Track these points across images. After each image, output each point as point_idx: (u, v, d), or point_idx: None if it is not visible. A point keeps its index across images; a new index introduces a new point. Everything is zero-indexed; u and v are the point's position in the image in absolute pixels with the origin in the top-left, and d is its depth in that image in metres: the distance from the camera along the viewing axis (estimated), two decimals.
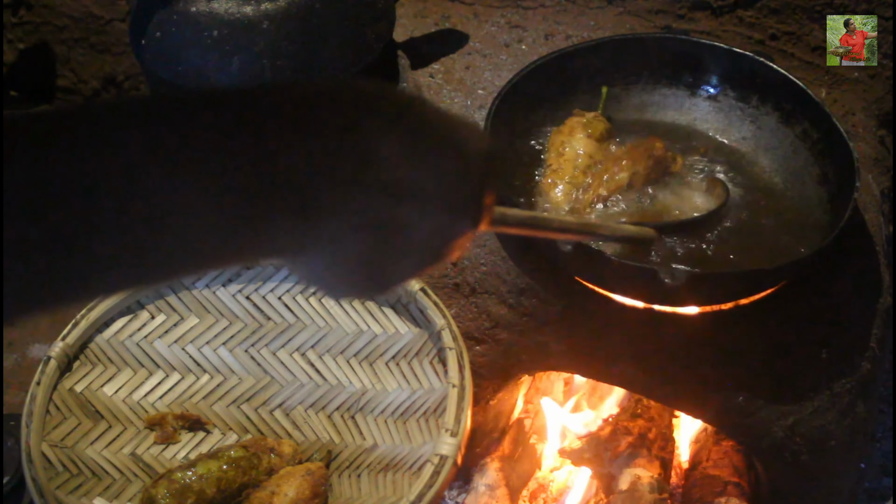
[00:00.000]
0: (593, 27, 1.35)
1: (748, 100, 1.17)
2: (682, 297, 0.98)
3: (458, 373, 0.98)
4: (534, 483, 1.27)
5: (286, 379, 1.15)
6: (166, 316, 1.13)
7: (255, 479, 1.02)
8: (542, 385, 1.31)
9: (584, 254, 0.95)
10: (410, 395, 1.10)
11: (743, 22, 1.35)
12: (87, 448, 1.04)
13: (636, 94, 1.22)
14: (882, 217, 1.16)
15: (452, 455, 0.94)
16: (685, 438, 1.29)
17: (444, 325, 1.02)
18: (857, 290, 1.08)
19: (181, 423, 1.10)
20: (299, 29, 1.09)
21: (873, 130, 1.25)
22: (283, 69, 1.09)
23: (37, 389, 1.00)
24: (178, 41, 1.09)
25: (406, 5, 1.41)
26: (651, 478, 1.13)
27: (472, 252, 1.11)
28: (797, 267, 1.00)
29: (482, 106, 1.23)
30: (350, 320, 1.13)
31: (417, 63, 1.31)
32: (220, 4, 1.08)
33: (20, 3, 1.63)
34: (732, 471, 1.16)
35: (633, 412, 1.22)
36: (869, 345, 1.07)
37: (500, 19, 1.39)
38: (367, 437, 1.11)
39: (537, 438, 1.29)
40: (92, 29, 1.60)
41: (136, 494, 1.03)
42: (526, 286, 1.07)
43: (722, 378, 1.04)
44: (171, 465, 1.06)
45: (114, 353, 1.10)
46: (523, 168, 1.12)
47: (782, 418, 1.04)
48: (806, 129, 1.12)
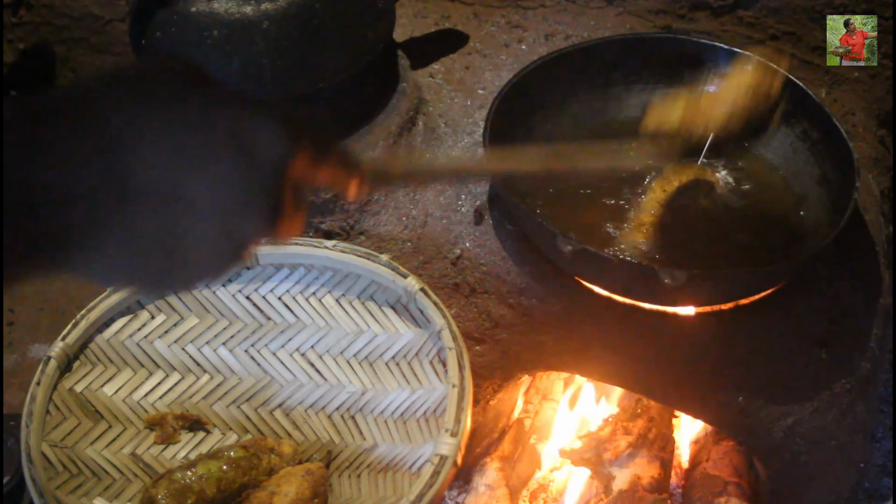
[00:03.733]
0: (593, 27, 1.35)
1: None
2: (681, 297, 0.98)
3: (458, 373, 0.98)
4: (534, 483, 1.27)
5: (286, 379, 1.15)
6: (166, 316, 1.13)
7: (255, 479, 1.02)
8: (542, 385, 1.31)
9: (584, 254, 0.95)
10: (410, 395, 1.10)
11: (743, 22, 1.35)
12: (87, 448, 1.04)
13: (636, 94, 1.22)
14: (882, 217, 1.16)
15: (452, 455, 0.93)
16: (685, 438, 1.29)
17: (444, 325, 1.02)
18: (857, 290, 1.08)
19: (181, 423, 1.10)
20: (299, 29, 1.09)
21: (873, 130, 1.25)
22: (283, 69, 1.09)
23: (37, 389, 1.00)
24: (178, 41, 1.09)
25: (406, 5, 1.41)
26: (651, 478, 1.13)
27: (472, 252, 1.11)
28: (797, 267, 1.00)
29: (482, 106, 1.23)
30: (350, 320, 1.13)
31: (417, 63, 1.31)
32: (220, 4, 1.08)
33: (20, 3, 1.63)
34: (732, 471, 1.16)
35: (633, 412, 1.22)
36: (869, 345, 1.07)
37: (500, 19, 1.39)
38: (367, 437, 1.11)
39: (537, 438, 1.29)
40: (92, 29, 1.60)
41: (136, 494, 1.02)
42: (526, 286, 1.07)
43: (722, 378, 1.04)
44: (171, 465, 1.06)
45: (114, 352, 1.10)
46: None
47: (782, 418, 1.04)
48: (806, 129, 1.12)
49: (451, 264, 1.12)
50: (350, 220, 1.15)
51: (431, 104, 1.25)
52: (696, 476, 1.20)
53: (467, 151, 1.19)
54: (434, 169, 0.79)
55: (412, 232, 1.14)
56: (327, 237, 1.14)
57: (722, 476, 1.15)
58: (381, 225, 1.14)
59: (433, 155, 1.18)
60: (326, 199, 1.14)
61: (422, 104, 1.24)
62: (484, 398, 1.13)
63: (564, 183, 1.11)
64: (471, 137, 1.20)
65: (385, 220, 1.15)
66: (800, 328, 1.05)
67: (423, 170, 0.77)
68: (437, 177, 0.94)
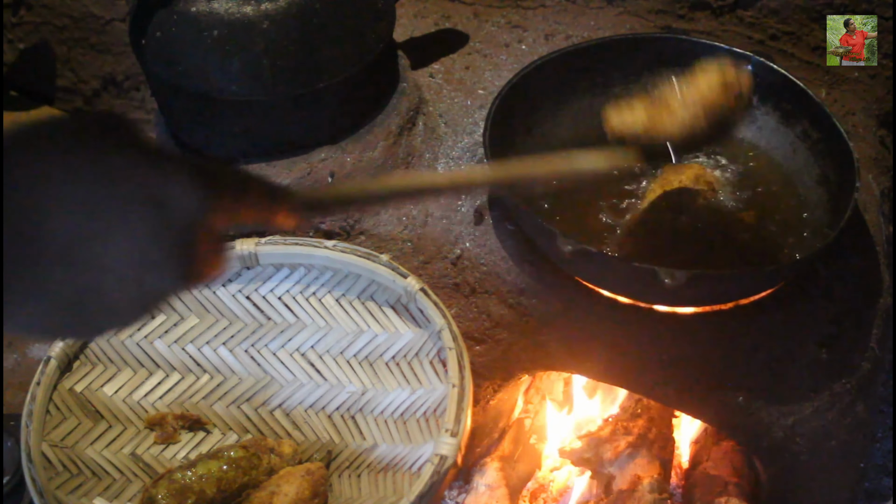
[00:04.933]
0: (593, 27, 1.35)
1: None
2: (682, 297, 0.98)
3: (459, 373, 0.98)
4: (534, 483, 1.27)
5: (286, 379, 1.15)
6: (166, 316, 1.13)
7: (255, 479, 1.02)
8: (542, 385, 1.31)
9: (584, 254, 0.95)
10: (410, 394, 1.10)
11: (743, 22, 1.35)
12: (87, 448, 1.04)
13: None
14: (882, 217, 1.16)
15: (452, 455, 0.93)
16: (685, 438, 1.29)
17: (444, 326, 1.02)
18: (857, 290, 1.08)
19: (181, 423, 1.10)
20: (299, 29, 1.09)
21: (873, 130, 1.25)
22: (283, 69, 1.09)
23: (37, 389, 1.00)
24: (178, 41, 1.09)
25: (406, 5, 1.41)
26: (651, 478, 1.14)
27: (472, 252, 1.11)
28: (797, 267, 1.00)
29: (482, 106, 1.23)
30: (350, 320, 1.13)
31: (417, 63, 1.31)
32: (220, 4, 1.09)
33: (20, 3, 1.63)
34: (732, 471, 1.16)
35: (633, 412, 1.22)
36: (869, 345, 1.07)
37: (500, 19, 1.39)
38: (367, 437, 1.11)
39: (537, 438, 1.29)
40: (92, 29, 1.60)
41: (135, 494, 1.03)
42: (526, 286, 1.07)
43: (722, 378, 1.04)
44: (171, 465, 1.06)
45: (114, 352, 1.10)
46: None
47: (782, 418, 1.04)
48: (806, 129, 1.12)
49: (451, 264, 1.12)
50: (350, 220, 1.15)
51: (431, 104, 1.25)
52: (696, 476, 1.20)
53: (466, 152, 1.19)
54: (383, 189, 0.68)
55: (412, 232, 1.14)
56: (327, 237, 1.14)
57: (722, 476, 1.15)
58: (381, 225, 1.14)
59: (382, 175, 1.16)
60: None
61: (422, 104, 1.24)
62: (484, 398, 1.13)
63: (564, 183, 1.10)
64: (471, 137, 1.20)
65: (385, 220, 1.15)
66: (800, 328, 1.05)
67: (366, 193, 0.67)
68: (386, 198, 0.74)
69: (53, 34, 1.64)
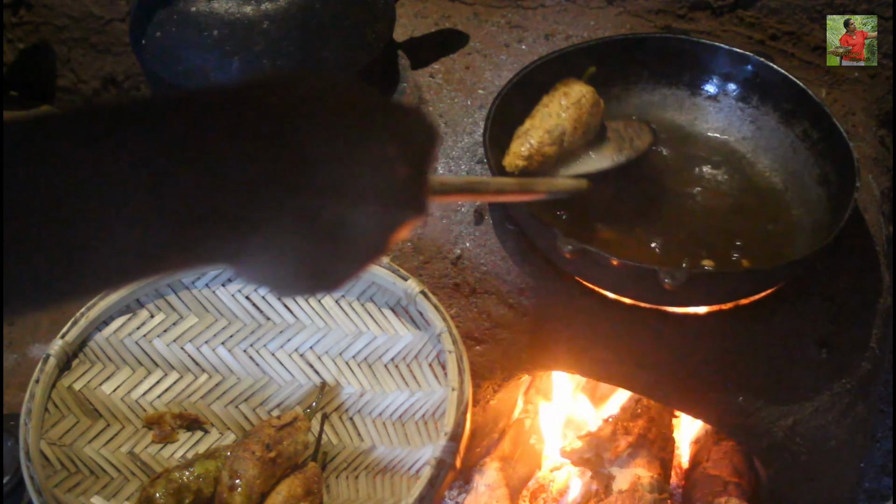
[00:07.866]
0: (593, 27, 1.35)
1: (748, 100, 1.17)
2: (682, 297, 0.98)
3: (458, 376, 0.98)
4: (534, 483, 1.27)
5: (285, 379, 1.14)
6: (165, 315, 1.13)
7: None
8: (542, 385, 1.31)
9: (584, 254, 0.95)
10: (409, 397, 1.10)
11: (743, 22, 1.35)
12: (86, 446, 1.04)
13: (636, 94, 1.22)
14: (882, 217, 1.16)
15: (451, 459, 0.93)
16: (685, 438, 1.29)
17: (444, 328, 1.02)
18: (857, 290, 1.08)
19: (179, 423, 1.10)
20: (299, 29, 1.09)
21: (873, 130, 1.25)
22: (283, 69, 1.09)
23: (36, 387, 1.00)
24: (178, 41, 1.09)
25: (406, 5, 1.41)
26: (651, 478, 1.13)
27: (473, 252, 1.11)
28: (797, 267, 1.00)
29: (482, 106, 1.23)
30: (349, 321, 1.13)
31: (417, 63, 1.31)
32: (220, 4, 1.08)
33: (20, 3, 1.63)
34: (732, 471, 1.16)
35: (633, 412, 1.22)
36: (869, 345, 1.07)
37: (500, 19, 1.39)
38: (365, 438, 1.11)
39: (537, 438, 1.29)
40: (92, 29, 1.60)
41: (133, 493, 1.02)
42: (526, 286, 1.07)
43: (722, 378, 1.04)
44: (169, 465, 1.06)
45: (113, 351, 1.10)
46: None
47: (782, 418, 1.04)
48: (806, 129, 1.12)
49: (451, 264, 1.12)
50: None
51: (431, 104, 1.25)
52: (696, 476, 1.20)
53: (466, 152, 1.19)
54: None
55: (412, 232, 1.14)
56: None
57: (722, 476, 1.15)
58: None
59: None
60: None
61: (422, 104, 1.24)
62: (484, 398, 1.13)
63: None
64: (471, 137, 1.20)
65: None
66: (800, 328, 1.04)
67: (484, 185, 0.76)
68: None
69: (53, 34, 1.64)
